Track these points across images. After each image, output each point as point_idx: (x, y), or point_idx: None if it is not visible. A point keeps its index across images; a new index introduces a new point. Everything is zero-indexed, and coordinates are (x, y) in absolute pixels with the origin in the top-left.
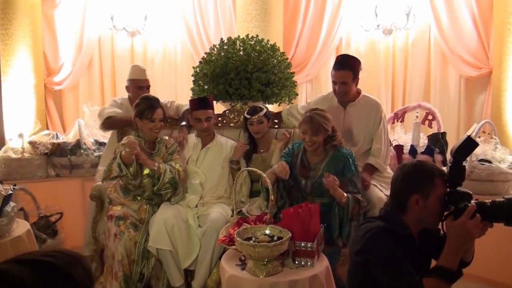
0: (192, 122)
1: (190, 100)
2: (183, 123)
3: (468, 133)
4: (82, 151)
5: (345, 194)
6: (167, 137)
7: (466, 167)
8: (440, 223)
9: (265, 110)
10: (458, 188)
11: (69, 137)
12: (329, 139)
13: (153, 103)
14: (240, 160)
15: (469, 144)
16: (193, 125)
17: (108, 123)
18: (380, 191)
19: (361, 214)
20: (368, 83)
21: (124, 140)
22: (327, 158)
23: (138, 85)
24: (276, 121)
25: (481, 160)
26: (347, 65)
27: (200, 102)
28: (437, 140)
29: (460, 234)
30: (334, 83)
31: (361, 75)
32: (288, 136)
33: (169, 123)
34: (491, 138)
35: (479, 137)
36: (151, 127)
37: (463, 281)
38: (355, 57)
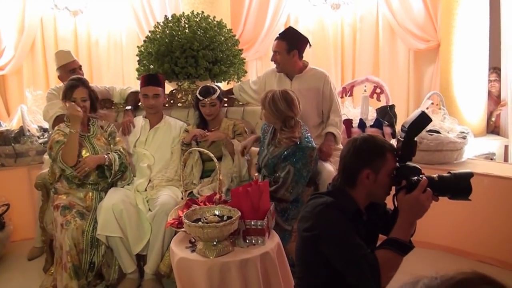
0: (142, 99)
1: (142, 76)
2: (128, 107)
3: (422, 108)
4: (26, 138)
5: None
6: (98, 117)
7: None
8: (393, 197)
9: (218, 91)
10: (407, 163)
11: (12, 124)
12: (283, 129)
13: (75, 82)
14: (191, 143)
15: (423, 120)
16: (142, 103)
17: (56, 122)
18: (330, 165)
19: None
20: (317, 59)
21: (57, 136)
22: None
23: (69, 68)
24: (225, 99)
25: (430, 130)
26: (283, 36)
27: (149, 79)
28: (386, 113)
29: (414, 207)
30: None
31: (310, 50)
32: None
33: (115, 106)
34: (439, 109)
35: (427, 108)
36: (81, 106)
37: (419, 249)
38: (297, 31)
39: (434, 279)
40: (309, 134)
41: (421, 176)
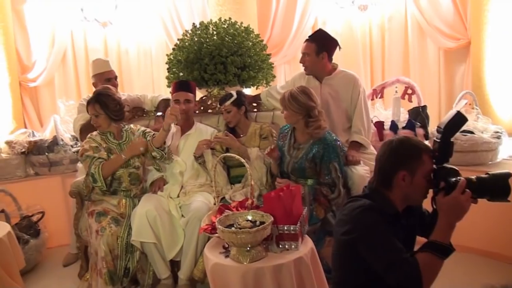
0: (172, 105)
1: (173, 83)
2: (159, 113)
3: (457, 108)
4: (59, 147)
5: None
6: (132, 125)
7: None
8: (432, 199)
9: (233, 98)
10: (444, 164)
11: (46, 134)
12: (309, 122)
13: (90, 99)
14: (203, 154)
15: (459, 120)
16: None
17: (82, 131)
18: (361, 169)
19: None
20: (346, 61)
21: (88, 146)
22: (312, 139)
23: (105, 77)
24: (255, 104)
25: (463, 131)
26: (312, 38)
27: (180, 84)
28: (418, 114)
29: (453, 209)
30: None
31: (339, 53)
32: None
33: (146, 114)
34: (472, 108)
35: (462, 108)
36: (94, 122)
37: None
38: (326, 33)
39: None
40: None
41: (459, 177)
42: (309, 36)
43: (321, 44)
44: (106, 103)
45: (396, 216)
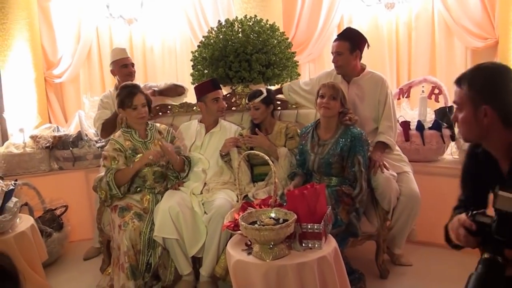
0: (207, 105)
1: (202, 83)
2: (156, 88)
3: None
4: (84, 142)
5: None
6: (158, 124)
7: None
8: None
9: (263, 95)
10: None
11: (70, 129)
12: (343, 115)
13: (131, 89)
14: (229, 152)
15: None
16: (209, 108)
17: (104, 129)
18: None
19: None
20: (372, 59)
21: (111, 149)
22: (337, 135)
23: (122, 64)
24: (279, 102)
25: None
26: (344, 36)
27: (214, 83)
28: (445, 114)
29: None
30: (332, 54)
31: (365, 51)
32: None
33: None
34: None
35: None
36: (135, 114)
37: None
38: (357, 31)
39: None
40: None
41: None
42: (339, 35)
43: (355, 42)
44: (146, 94)
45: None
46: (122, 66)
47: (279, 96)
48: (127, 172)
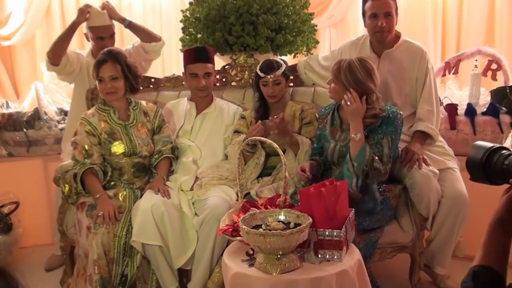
0: (186, 79)
1: (184, 51)
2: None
3: None
4: (42, 123)
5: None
6: (144, 102)
7: None
8: None
9: (284, 66)
10: None
11: (24, 106)
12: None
13: (102, 57)
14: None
15: None
16: (187, 83)
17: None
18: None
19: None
20: (411, 28)
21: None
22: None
23: (98, 35)
24: (291, 77)
25: None
26: None
27: (197, 53)
28: (504, 96)
29: None
30: (373, 16)
31: (402, 17)
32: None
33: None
34: None
35: None
36: (101, 89)
37: None
38: None
39: None
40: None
41: None
42: None
43: (395, 1)
44: (128, 65)
45: None
46: (98, 38)
47: None
48: (91, 188)
